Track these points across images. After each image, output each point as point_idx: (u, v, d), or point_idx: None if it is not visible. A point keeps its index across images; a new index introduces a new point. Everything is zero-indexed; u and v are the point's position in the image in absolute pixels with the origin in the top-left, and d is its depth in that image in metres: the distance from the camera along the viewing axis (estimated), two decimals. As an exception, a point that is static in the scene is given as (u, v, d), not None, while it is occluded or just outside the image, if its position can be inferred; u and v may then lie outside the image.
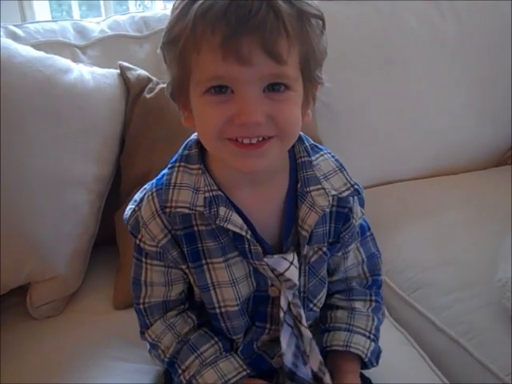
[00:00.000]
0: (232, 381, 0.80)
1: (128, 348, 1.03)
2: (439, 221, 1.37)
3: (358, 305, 0.90)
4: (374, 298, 0.92)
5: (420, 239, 1.33)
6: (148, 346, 0.89)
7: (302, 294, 0.84)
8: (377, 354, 0.88)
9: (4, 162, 1.08)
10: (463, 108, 1.62)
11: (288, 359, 0.82)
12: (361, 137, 1.54)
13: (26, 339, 1.10)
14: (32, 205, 1.12)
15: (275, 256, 0.79)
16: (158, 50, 0.74)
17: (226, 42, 0.63)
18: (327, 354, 0.87)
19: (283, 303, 0.80)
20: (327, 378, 0.82)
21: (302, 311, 0.81)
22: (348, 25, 1.52)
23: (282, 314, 0.80)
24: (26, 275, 1.14)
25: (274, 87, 0.68)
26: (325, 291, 0.88)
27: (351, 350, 0.85)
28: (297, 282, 0.79)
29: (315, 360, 0.82)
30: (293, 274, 0.79)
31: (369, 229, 0.92)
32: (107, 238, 1.25)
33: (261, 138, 0.69)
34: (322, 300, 0.88)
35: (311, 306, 0.86)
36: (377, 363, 0.88)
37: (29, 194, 1.11)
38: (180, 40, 0.67)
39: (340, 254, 0.87)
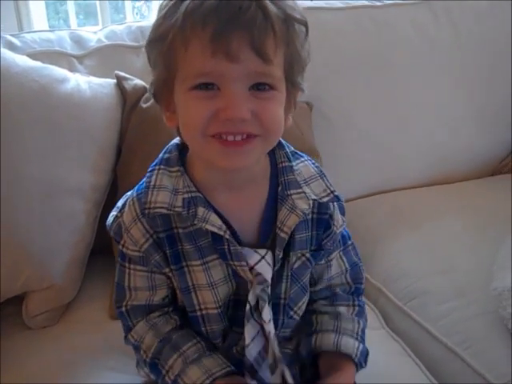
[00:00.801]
0: (217, 374, 0.80)
1: (123, 358, 1.03)
2: (435, 229, 1.37)
3: (342, 310, 0.91)
4: (356, 302, 0.92)
5: (416, 248, 1.33)
6: (135, 361, 0.89)
7: (283, 301, 0.85)
8: (365, 355, 0.88)
9: (0, 171, 1.08)
10: (460, 117, 1.63)
11: (251, 354, 0.81)
12: (357, 146, 1.54)
13: (22, 349, 1.10)
14: (28, 214, 1.12)
15: (246, 248, 0.79)
16: (143, 49, 0.75)
17: (215, 37, 0.65)
18: (317, 356, 0.87)
19: (251, 297, 0.80)
20: (288, 375, 0.81)
21: (266, 306, 0.80)
22: (343, 34, 1.53)
23: (248, 307, 0.80)
24: (22, 284, 1.13)
25: (259, 86, 0.70)
26: (306, 299, 0.89)
27: (342, 350, 0.85)
28: (268, 279, 0.79)
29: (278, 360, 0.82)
30: (264, 269, 0.79)
31: (349, 238, 0.93)
32: (104, 247, 1.24)
33: (245, 136, 0.70)
34: (303, 307, 0.89)
35: (291, 313, 0.87)
36: (365, 364, 0.88)
37: (25, 203, 1.11)
38: (167, 37, 0.69)
39: (323, 262, 0.88)
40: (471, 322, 1.10)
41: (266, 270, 0.79)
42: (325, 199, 0.81)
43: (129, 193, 0.83)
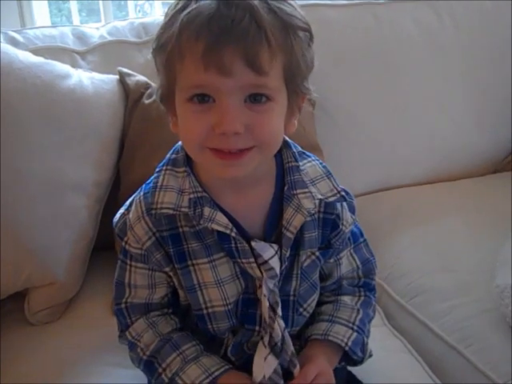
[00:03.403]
0: (216, 373, 0.81)
1: (126, 354, 1.01)
2: (438, 227, 1.37)
3: (345, 298, 0.91)
4: (363, 293, 0.92)
5: (418, 245, 1.33)
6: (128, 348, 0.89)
7: (292, 298, 0.85)
8: (361, 344, 0.87)
9: (2, 167, 1.08)
10: (462, 114, 1.63)
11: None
12: (359, 143, 1.54)
13: (24, 345, 1.10)
14: (30, 210, 1.12)
15: (262, 242, 0.79)
16: (149, 56, 0.76)
17: (207, 52, 0.65)
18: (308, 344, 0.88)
19: (265, 291, 0.79)
20: (297, 371, 0.81)
21: (279, 299, 0.81)
22: (346, 30, 1.53)
23: (267, 304, 0.79)
24: (24, 281, 1.14)
25: (256, 98, 0.69)
26: (315, 296, 0.89)
27: (329, 338, 0.85)
28: (278, 273, 0.80)
29: (287, 350, 0.82)
30: (276, 263, 0.79)
31: (361, 235, 0.93)
32: (106, 244, 1.24)
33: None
34: (313, 305, 0.89)
35: (301, 310, 0.87)
36: (362, 354, 0.88)
37: (27, 199, 1.11)
38: (167, 47, 0.69)
39: (332, 260, 0.88)
40: (473, 319, 1.10)
41: (277, 265, 0.80)
42: (331, 199, 0.81)
43: (136, 193, 0.84)
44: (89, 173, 1.19)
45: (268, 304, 0.80)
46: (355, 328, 0.87)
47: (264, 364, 0.80)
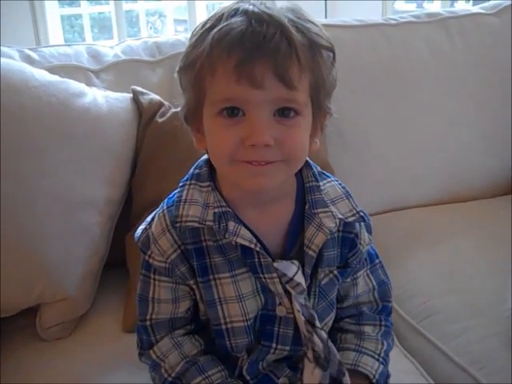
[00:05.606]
0: None
1: (136, 371, 1.02)
2: (448, 248, 1.37)
3: (368, 329, 0.91)
4: (383, 323, 0.92)
5: (429, 266, 1.32)
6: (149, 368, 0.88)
7: None
8: (385, 377, 0.88)
9: (16, 184, 1.09)
10: (473, 136, 1.63)
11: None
12: (370, 163, 1.55)
13: (35, 361, 1.10)
14: (43, 226, 1.12)
15: (284, 261, 0.80)
16: (175, 75, 0.77)
17: (240, 65, 0.67)
18: None
19: (298, 307, 0.80)
20: (346, 379, 0.82)
21: (314, 312, 0.82)
22: (358, 51, 1.54)
23: (302, 319, 0.80)
24: (35, 297, 1.14)
25: (284, 112, 0.71)
26: (332, 315, 0.89)
27: (359, 369, 0.85)
28: (305, 288, 0.80)
29: (334, 361, 0.82)
30: (301, 278, 0.80)
31: (377, 256, 0.93)
32: (118, 260, 1.25)
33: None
34: (329, 324, 0.89)
35: None
36: None
37: (40, 216, 1.12)
38: (196, 64, 0.71)
39: (349, 280, 0.89)
40: (485, 342, 1.09)
41: (302, 280, 0.80)
42: (350, 219, 0.82)
43: (158, 208, 0.85)
44: (101, 190, 1.20)
45: (304, 319, 0.80)
46: (381, 360, 0.88)
47: (312, 378, 0.81)
